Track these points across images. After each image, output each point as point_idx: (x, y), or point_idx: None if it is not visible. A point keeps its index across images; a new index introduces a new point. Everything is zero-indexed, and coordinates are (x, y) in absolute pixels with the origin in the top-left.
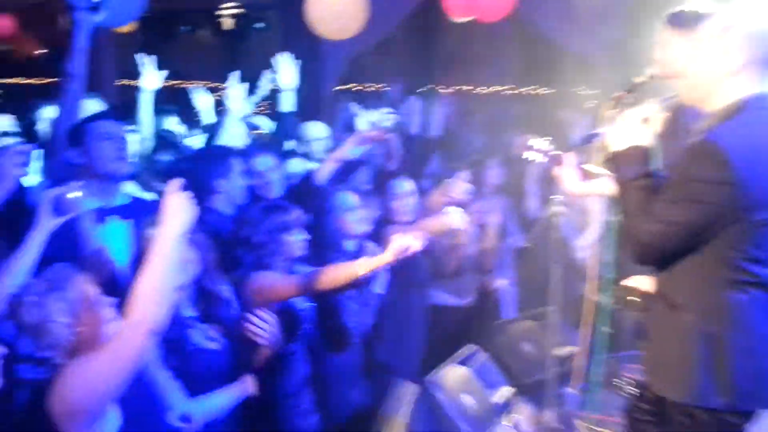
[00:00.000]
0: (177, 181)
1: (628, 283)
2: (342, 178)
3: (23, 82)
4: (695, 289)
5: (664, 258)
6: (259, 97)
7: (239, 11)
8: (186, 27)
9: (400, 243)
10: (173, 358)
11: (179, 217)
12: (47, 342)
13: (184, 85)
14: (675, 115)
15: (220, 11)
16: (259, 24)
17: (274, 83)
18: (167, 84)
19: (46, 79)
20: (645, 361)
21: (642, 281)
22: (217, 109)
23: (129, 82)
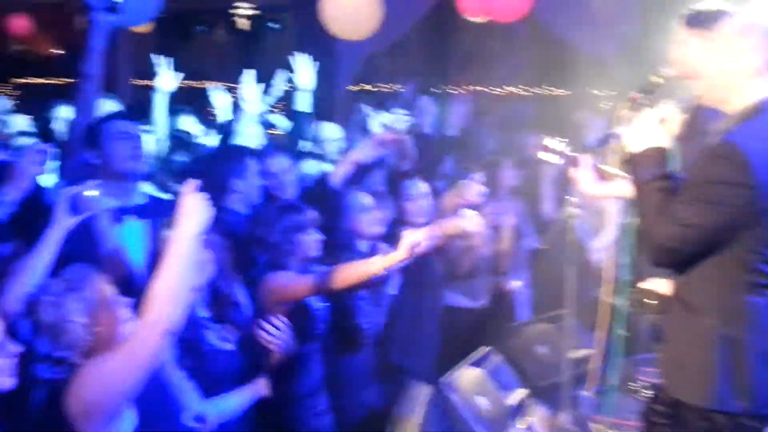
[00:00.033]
0: (193, 181)
1: (644, 285)
2: (356, 180)
3: (40, 82)
4: (713, 292)
5: (681, 261)
6: (273, 96)
7: (254, 12)
8: (201, 27)
9: (412, 239)
10: (188, 358)
11: (195, 217)
12: (64, 342)
13: (199, 85)
14: (692, 116)
15: (235, 12)
16: (274, 24)
17: (289, 83)
18: (183, 84)
19: (63, 79)
20: (662, 365)
21: (659, 284)
22: (233, 108)
23: (144, 81)
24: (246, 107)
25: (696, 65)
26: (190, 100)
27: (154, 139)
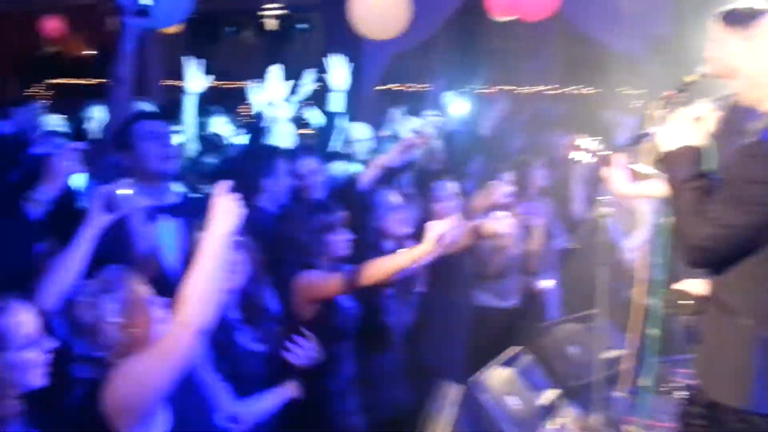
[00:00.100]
0: (225, 183)
1: (679, 286)
2: (385, 182)
3: (73, 82)
4: (751, 293)
5: (717, 261)
6: (301, 96)
7: (283, 12)
8: (230, 28)
9: (437, 231)
10: (221, 360)
11: (227, 218)
12: (100, 342)
13: (228, 86)
14: (728, 115)
15: (263, 12)
16: (303, 25)
17: (317, 82)
18: (212, 84)
19: (95, 79)
20: (698, 366)
21: (694, 284)
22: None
23: (175, 82)
24: (273, 103)
25: (732, 64)
26: (219, 101)
27: (183, 140)
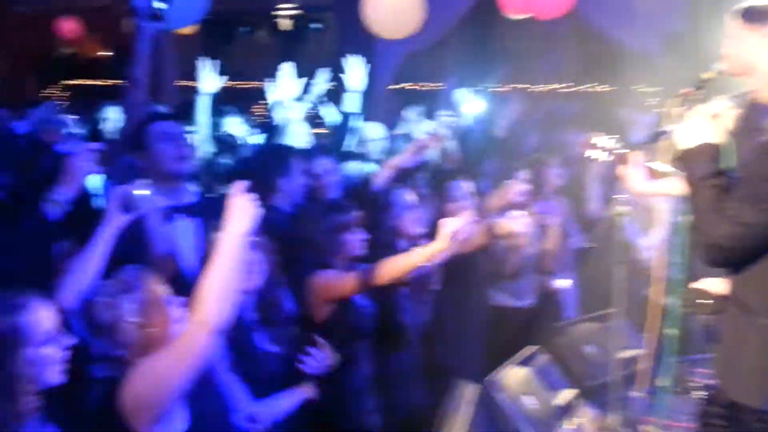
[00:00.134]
0: (241, 183)
1: (698, 285)
2: (400, 180)
3: (89, 83)
4: None
5: (736, 260)
6: (315, 95)
7: (296, 12)
8: (245, 28)
9: (450, 227)
10: (238, 361)
11: (243, 218)
12: (119, 341)
13: (242, 86)
14: (746, 113)
15: (277, 12)
16: (316, 24)
17: (330, 82)
18: (226, 84)
19: (111, 80)
20: (717, 365)
21: (713, 283)
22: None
23: (190, 83)
24: (286, 102)
25: (750, 61)
26: (233, 101)
27: (197, 141)
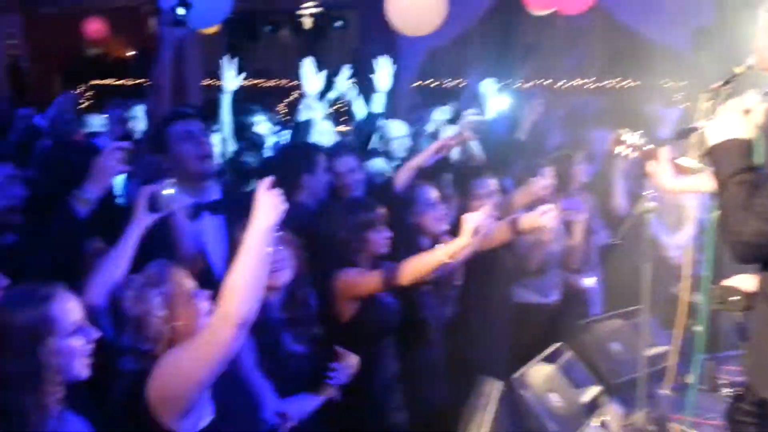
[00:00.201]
0: (268, 179)
1: (728, 282)
2: (424, 178)
3: (115, 83)
4: None
5: (765, 257)
6: (337, 92)
7: (319, 10)
8: (268, 27)
9: (473, 222)
10: (265, 360)
11: (270, 213)
12: (146, 335)
13: (266, 85)
14: None
15: (300, 11)
16: (338, 22)
17: (352, 79)
18: (250, 83)
19: (137, 80)
20: (747, 363)
21: (743, 280)
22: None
23: (214, 82)
24: (309, 98)
25: None
26: (257, 99)
27: (220, 139)
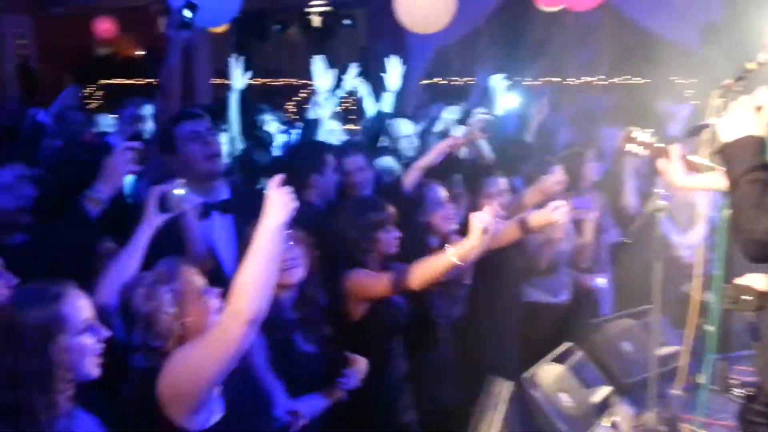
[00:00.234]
0: (279, 176)
1: (740, 281)
2: (433, 177)
3: (126, 82)
4: None
5: None
6: (344, 90)
7: (327, 8)
8: (276, 26)
9: (480, 222)
10: (277, 360)
11: (280, 210)
12: (157, 331)
13: (275, 83)
14: None
15: (308, 9)
16: (347, 20)
17: (359, 77)
18: (259, 82)
19: (147, 79)
20: (759, 363)
21: (756, 279)
22: (307, 106)
23: (223, 81)
24: (319, 96)
25: None
26: (266, 98)
27: (228, 138)
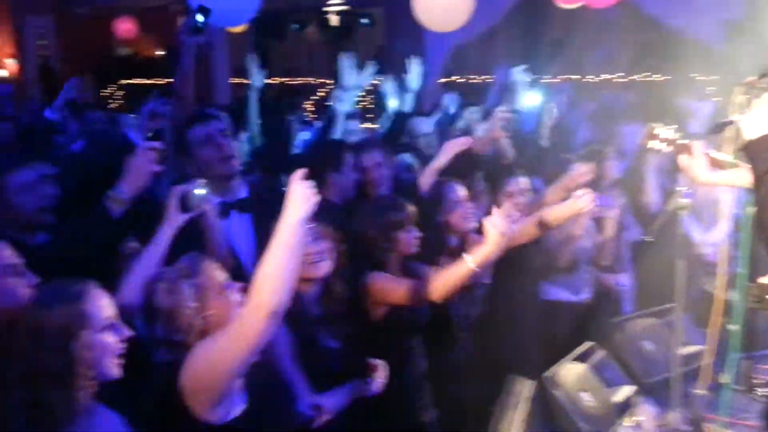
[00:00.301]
0: (301, 171)
1: (765, 280)
2: (455, 174)
3: (146, 82)
4: None
5: None
6: (362, 87)
7: (345, 8)
8: (294, 25)
9: (496, 228)
10: (302, 355)
11: (301, 205)
12: (179, 326)
13: (293, 82)
14: None
15: (326, 9)
16: (365, 19)
17: (376, 76)
18: (277, 81)
19: (167, 79)
20: None
21: None
22: (325, 105)
23: (242, 80)
24: (340, 94)
25: None
26: (284, 97)
27: (248, 136)
